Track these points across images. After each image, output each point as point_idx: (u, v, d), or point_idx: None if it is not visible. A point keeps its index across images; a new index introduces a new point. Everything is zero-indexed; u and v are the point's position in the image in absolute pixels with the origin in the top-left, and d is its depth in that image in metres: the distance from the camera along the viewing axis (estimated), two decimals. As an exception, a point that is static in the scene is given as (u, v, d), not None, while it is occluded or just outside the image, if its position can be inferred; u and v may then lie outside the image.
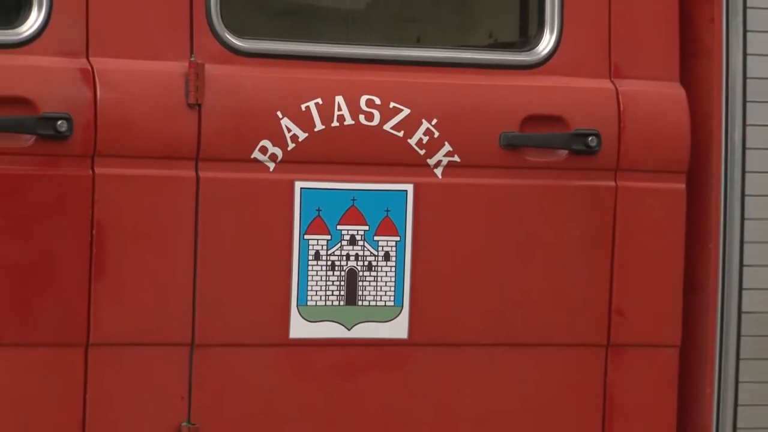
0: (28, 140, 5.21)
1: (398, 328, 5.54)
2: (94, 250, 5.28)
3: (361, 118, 5.49)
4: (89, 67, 5.28)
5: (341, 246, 5.50)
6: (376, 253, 5.54)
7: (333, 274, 5.50)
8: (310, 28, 6.16)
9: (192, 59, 5.39)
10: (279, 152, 5.43)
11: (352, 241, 5.52)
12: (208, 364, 5.42)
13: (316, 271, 5.49)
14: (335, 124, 5.47)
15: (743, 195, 5.78)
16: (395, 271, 5.56)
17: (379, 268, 5.54)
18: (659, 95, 5.77)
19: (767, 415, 5.89)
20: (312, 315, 5.49)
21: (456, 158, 5.59)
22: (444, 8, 6.21)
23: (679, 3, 5.86)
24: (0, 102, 5.18)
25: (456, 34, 6.16)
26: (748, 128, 5.77)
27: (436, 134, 5.55)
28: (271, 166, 5.45)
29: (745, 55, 5.78)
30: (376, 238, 5.54)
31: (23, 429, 5.28)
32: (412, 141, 5.54)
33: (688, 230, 5.79)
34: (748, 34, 5.78)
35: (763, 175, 5.81)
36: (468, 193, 5.62)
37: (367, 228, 5.52)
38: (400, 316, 5.56)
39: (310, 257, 5.48)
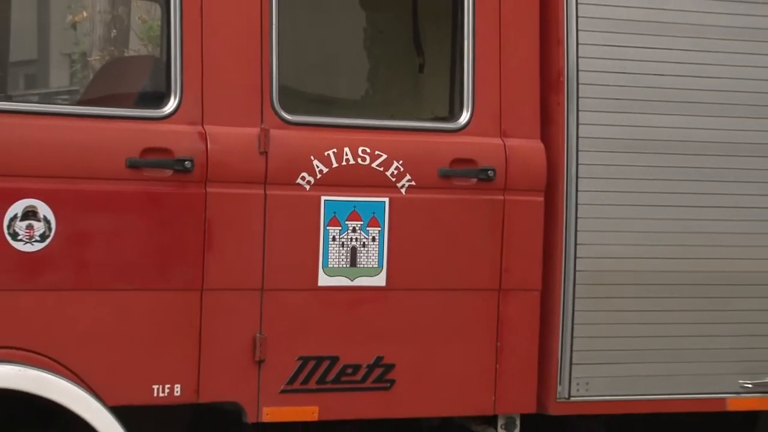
0: (168, 172, 5.17)
1: (380, 280, 5.49)
2: (206, 235, 5.22)
3: (359, 160, 5.45)
4: (203, 131, 5.23)
5: (347, 233, 5.45)
6: (367, 237, 5.48)
7: (343, 249, 5.44)
8: (330, 108, 6.28)
9: (262, 126, 5.31)
10: (312, 179, 5.38)
11: (354, 230, 5.46)
12: (271, 300, 5.35)
13: (333, 247, 5.43)
14: (344, 163, 5.43)
15: (577, 204, 5.71)
16: (378, 248, 5.49)
17: (369, 246, 5.48)
18: (528, 147, 5.68)
19: (592, 328, 5.75)
20: (331, 272, 5.44)
21: (413, 183, 5.52)
22: (406, 97, 6.24)
23: (540, 95, 5.70)
24: (153, 150, 5.14)
25: (412, 112, 6.18)
26: (580, 166, 5.71)
27: (402, 169, 5.50)
28: (307, 187, 5.38)
29: (578, 124, 5.70)
30: (367, 228, 5.48)
31: (164, 341, 5.20)
32: (388, 173, 5.49)
33: (545, 224, 5.71)
34: (580, 113, 5.70)
35: (589, 193, 5.74)
36: (420, 203, 5.56)
37: (362, 222, 5.46)
38: (381, 273, 5.50)
39: (330, 240, 5.43)
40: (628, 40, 5.78)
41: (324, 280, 5.45)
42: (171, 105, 5.24)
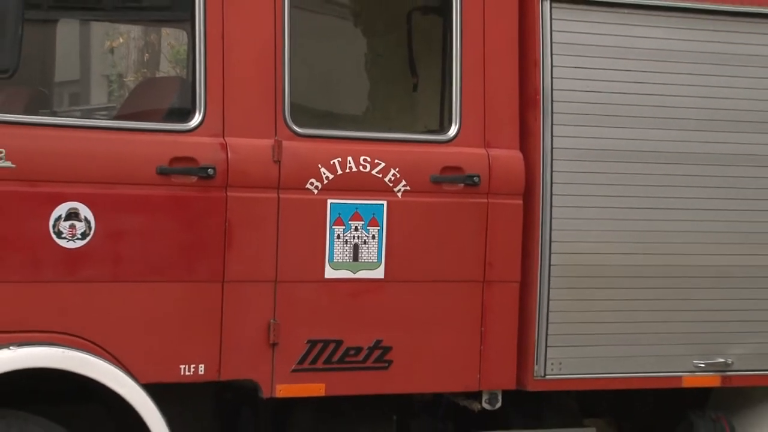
0: (193, 179, 5.13)
1: (379, 273, 5.49)
2: (226, 234, 5.22)
3: (360, 167, 5.45)
4: (224, 142, 5.22)
5: (351, 231, 5.44)
6: (368, 235, 5.47)
7: (346, 246, 5.43)
8: (335, 122, 6.23)
9: (276, 138, 5.31)
10: (319, 185, 5.38)
11: (356, 229, 5.45)
12: (283, 290, 5.34)
13: (338, 244, 5.43)
14: (347, 170, 5.43)
15: (551, 206, 5.72)
16: (377, 244, 5.48)
17: (369, 243, 5.47)
18: (509, 156, 5.68)
19: (565, 315, 5.75)
20: (336, 266, 5.43)
21: (408, 188, 5.51)
22: (402, 112, 6.20)
23: (519, 110, 5.68)
24: (181, 159, 5.10)
25: (407, 125, 6.15)
26: (554, 173, 5.72)
27: (398, 175, 5.50)
28: (315, 191, 5.38)
29: (552, 136, 5.70)
30: (368, 227, 5.47)
31: (190, 326, 5.17)
32: (386, 179, 5.49)
33: (524, 223, 5.71)
34: (554, 126, 5.71)
35: (562, 196, 5.73)
36: (414, 205, 5.55)
37: (363, 222, 5.46)
38: (380, 267, 5.49)
39: (335, 237, 5.42)
40: (597, 63, 5.81)
41: (330, 273, 5.45)
42: (196, 119, 5.25)
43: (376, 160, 5.50)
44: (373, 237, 5.52)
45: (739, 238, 6.03)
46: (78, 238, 5.04)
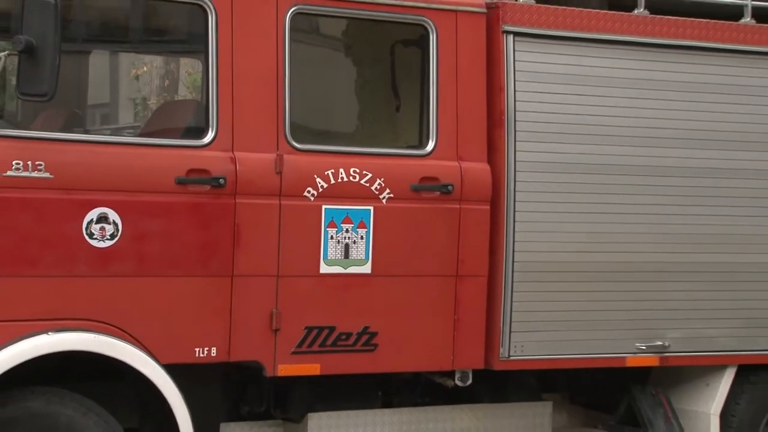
0: (207, 187, 5.14)
1: (366, 268, 5.45)
2: (235, 235, 5.19)
3: (351, 177, 5.42)
4: (234, 156, 5.20)
5: (342, 233, 5.41)
6: (357, 236, 5.44)
7: (338, 245, 5.40)
8: (329, 138, 6.21)
9: (278, 152, 5.29)
10: (315, 192, 5.35)
11: (347, 231, 5.42)
12: (284, 284, 5.31)
13: (331, 244, 5.39)
14: (339, 180, 5.41)
15: (515, 211, 5.72)
16: (365, 244, 5.45)
17: (358, 243, 5.44)
18: (478, 168, 5.66)
19: (526, 305, 5.74)
20: (330, 263, 5.40)
21: (392, 195, 5.49)
22: (386, 130, 6.15)
23: (487, 129, 5.67)
24: (196, 171, 5.09)
25: (391, 141, 6.07)
26: (516, 183, 5.71)
27: (383, 185, 5.47)
28: (312, 198, 5.35)
29: (515, 151, 5.70)
30: (357, 229, 5.44)
31: (204, 315, 5.13)
32: (373, 188, 5.46)
33: (491, 226, 5.68)
34: (517, 143, 5.71)
35: (524, 203, 5.72)
36: (397, 210, 5.52)
37: (353, 225, 5.43)
38: (367, 263, 5.46)
39: (329, 238, 5.39)
40: (554, 89, 5.82)
41: (324, 268, 5.44)
42: (209, 136, 5.24)
43: (364, 172, 5.49)
44: (362, 237, 5.50)
45: (675, 238, 6.03)
46: (107, 239, 5.03)
